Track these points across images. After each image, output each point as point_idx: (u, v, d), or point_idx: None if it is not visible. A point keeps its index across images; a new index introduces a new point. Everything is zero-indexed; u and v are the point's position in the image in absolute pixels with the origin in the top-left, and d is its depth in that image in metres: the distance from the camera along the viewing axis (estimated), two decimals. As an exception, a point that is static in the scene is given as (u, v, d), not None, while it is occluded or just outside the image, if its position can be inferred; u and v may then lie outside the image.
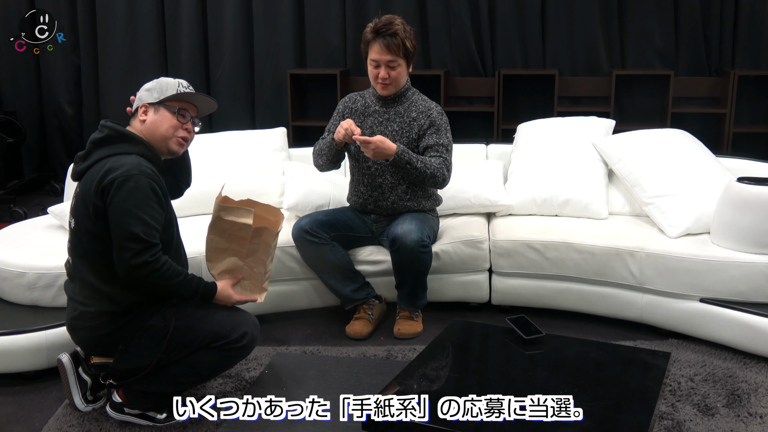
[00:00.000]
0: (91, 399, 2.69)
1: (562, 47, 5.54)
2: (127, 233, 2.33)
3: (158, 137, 2.54)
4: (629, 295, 3.31)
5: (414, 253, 3.18)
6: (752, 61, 5.42)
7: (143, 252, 2.34)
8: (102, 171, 2.38)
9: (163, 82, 2.55)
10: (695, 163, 3.55)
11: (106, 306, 2.46)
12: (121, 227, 2.34)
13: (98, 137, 2.48)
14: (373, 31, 3.24)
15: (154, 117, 2.53)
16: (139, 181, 2.36)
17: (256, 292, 2.70)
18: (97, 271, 2.45)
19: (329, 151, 3.32)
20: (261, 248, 2.66)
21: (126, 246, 2.34)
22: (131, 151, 2.45)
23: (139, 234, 2.33)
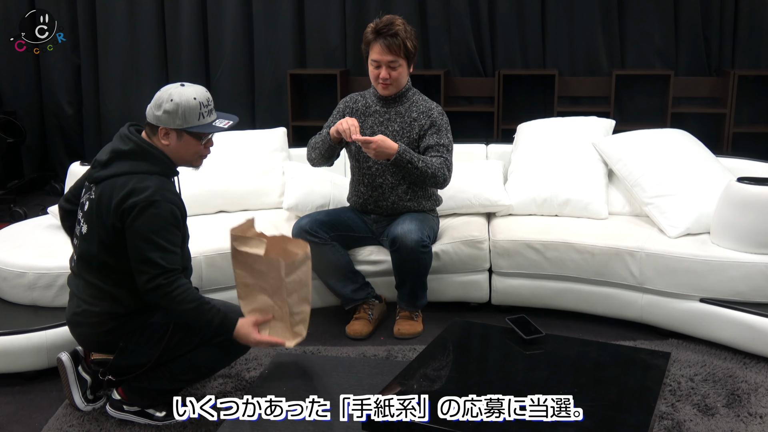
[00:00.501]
0: (91, 398, 2.69)
1: (562, 47, 5.54)
2: (145, 258, 2.34)
3: (179, 159, 2.52)
4: (629, 295, 3.31)
5: (414, 253, 3.18)
6: (752, 61, 5.42)
7: (158, 276, 2.35)
8: (124, 191, 2.36)
9: (185, 107, 2.43)
10: (695, 163, 3.55)
11: (109, 307, 2.47)
12: (139, 252, 2.35)
13: (123, 149, 2.44)
14: (374, 31, 3.24)
15: (178, 143, 2.48)
16: (161, 207, 2.36)
17: (286, 336, 2.53)
18: (104, 275, 2.46)
19: (322, 146, 3.32)
20: (288, 285, 2.48)
21: (142, 270, 2.35)
22: (153, 171, 2.43)
23: (156, 260, 2.34)
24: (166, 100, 2.42)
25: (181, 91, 2.44)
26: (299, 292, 2.51)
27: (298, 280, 2.49)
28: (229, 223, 3.59)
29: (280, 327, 2.53)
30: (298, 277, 2.49)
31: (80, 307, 2.50)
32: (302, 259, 2.50)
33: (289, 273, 2.47)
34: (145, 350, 2.50)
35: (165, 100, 2.43)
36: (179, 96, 2.43)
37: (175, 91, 2.44)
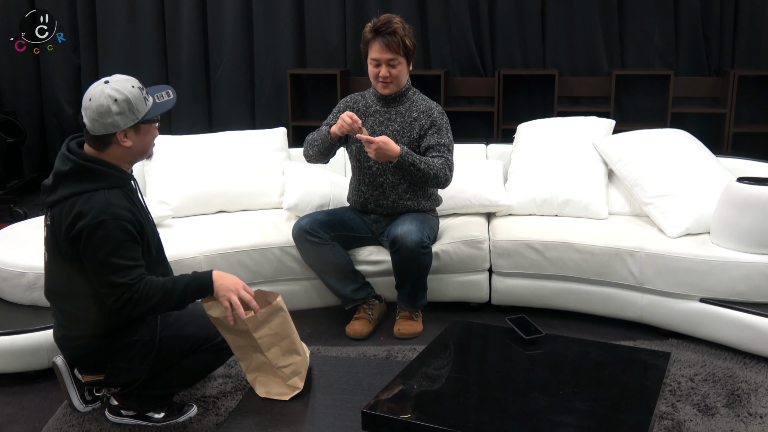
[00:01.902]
0: (90, 399, 2.69)
1: (562, 47, 5.54)
2: (107, 282, 2.26)
3: (141, 155, 2.41)
4: (629, 295, 3.31)
5: (414, 254, 3.18)
6: (752, 61, 5.42)
7: (123, 294, 2.26)
8: (70, 217, 2.26)
9: (133, 99, 2.28)
10: (695, 163, 3.55)
11: (88, 330, 2.41)
12: (98, 277, 2.27)
13: (63, 170, 2.32)
14: (373, 30, 3.24)
15: (137, 138, 2.34)
16: (109, 227, 2.24)
17: (282, 391, 2.42)
18: (72, 300, 2.40)
19: (322, 143, 3.31)
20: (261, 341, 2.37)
21: (107, 293, 2.28)
22: (100, 186, 2.29)
23: (117, 281, 2.25)
24: (111, 103, 2.25)
25: (117, 87, 2.27)
26: (279, 345, 2.40)
27: (272, 333, 2.38)
28: (229, 223, 3.61)
29: (274, 383, 2.45)
30: (271, 330, 2.38)
31: (60, 332, 2.47)
32: (270, 311, 2.38)
33: (257, 328, 2.35)
34: (134, 367, 2.46)
35: (109, 103, 2.25)
36: (119, 92, 2.26)
37: (111, 91, 2.26)
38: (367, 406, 1.99)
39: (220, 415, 2.66)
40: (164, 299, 2.31)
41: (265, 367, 2.43)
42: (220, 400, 2.76)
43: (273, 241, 3.44)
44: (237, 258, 3.36)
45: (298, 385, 2.43)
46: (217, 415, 2.67)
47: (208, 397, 2.79)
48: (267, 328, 2.37)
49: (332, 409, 2.41)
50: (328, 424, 2.34)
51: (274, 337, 2.39)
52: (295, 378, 2.43)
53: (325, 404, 2.45)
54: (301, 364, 2.45)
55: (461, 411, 2.03)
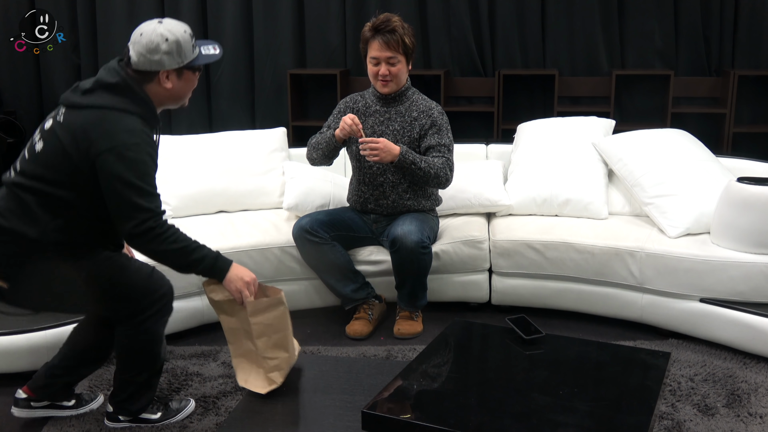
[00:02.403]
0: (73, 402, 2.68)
1: (562, 47, 5.53)
2: (130, 204, 2.23)
3: (176, 99, 2.42)
4: (629, 295, 3.31)
5: (414, 254, 3.18)
6: (752, 61, 5.41)
7: (148, 220, 2.25)
8: (103, 129, 2.23)
9: (183, 43, 2.31)
10: (695, 163, 3.55)
11: (25, 229, 2.28)
12: (124, 198, 2.23)
13: (108, 81, 2.30)
14: (372, 28, 3.25)
15: (178, 82, 2.37)
16: (141, 151, 2.24)
17: (259, 382, 2.47)
18: (43, 199, 2.29)
19: (327, 147, 3.32)
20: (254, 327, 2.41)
21: (130, 215, 2.24)
22: (135, 111, 2.29)
23: (144, 204, 2.24)
24: (161, 41, 2.28)
25: (170, 28, 2.30)
26: (270, 336, 2.44)
27: (267, 323, 2.43)
28: (229, 223, 3.61)
29: (255, 374, 2.48)
30: (267, 320, 2.43)
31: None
32: (272, 302, 2.44)
33: (255, 314, 2.40)
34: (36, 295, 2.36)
35: (159, 41, 2.28)
36: (172, 33, 2.30)
37: (164, 30, 2.29)
38: (367, 406, 1.99)
39: (220, 415, 2.66)
40: (181, 253, 2.32)
41: (251, 355, 2.45)
42: (220, 400, 2.76)
43: (273, 241, 3.44)
44: (237, 258, 3.34)
45: (277, 380, 2.44)
46: (217, 415, 2.67)
47: (208, 397, 2.78)
48: (263, 317, 2.41)
49: (332, 409, 2.41)
50: (328, 424, 2.34)
51: (267, 327, 2.42)
52: (276, 372, 2.45)
53: (325, 404, 2.45)
54: (286, 361, 2.47)
55: (461, 411, 2.03)
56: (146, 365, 2.52)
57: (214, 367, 3.02)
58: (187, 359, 3.10)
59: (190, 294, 3.30)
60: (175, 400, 2.69)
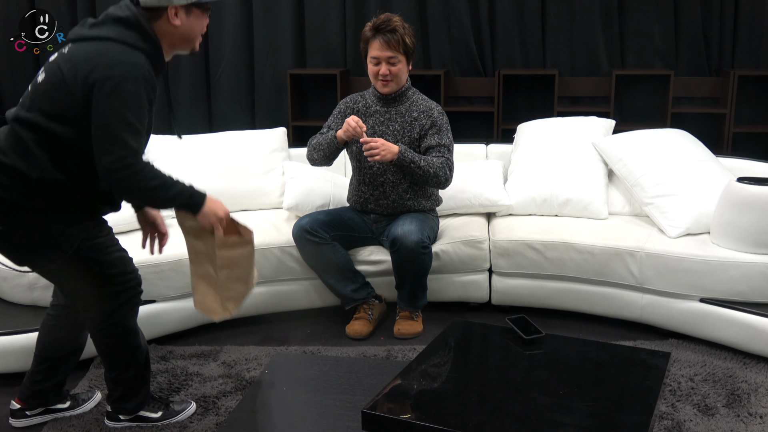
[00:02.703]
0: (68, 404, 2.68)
1: (562, 47, 5.53)
2: (114, 138, 2.15)
3: (185, 40, 2.36)
4: (629, 295, 3.31)
5: (414, 254, 3.18)
6: (752, 61, 5.42)
7: (127, 158, 2.17)
8: (101, 59, 2.17)
9: None
10: (695, 163, 3.55)
11: (24, 168, 2.22)
12: (110, 130, 2.16)
13: (119, 15, 2.24)
14: (373, 28, 3.25)
15: (188, 20, 2.32)
16: (138, 86, 2.18)
17: (215, 307, 2.52)
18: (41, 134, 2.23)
19: (328, 148, 3.32)
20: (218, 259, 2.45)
21: (110, 150, 2.16)
22: (142, 47, 2.23)
23: (129, 141, 2.17)
24: None
25: None
26: (232, 270, 2.48)
27: (231, 258, 2.47)
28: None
29: (212, 298, 2.51)
30: (233, 256, 2.47)
31: None
32: (241, 241, 2.48)
33: (223, 248, 2.44)
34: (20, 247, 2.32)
35: None
36: None
37: None
38: (367, 406, 1.99)
39: (220, 415, 2.66)
40: (159, 190, 2.26)
41: (210, 279, 2.48)
42: (220, 400, 2.76)
43: (273, 241, 3.44)
44: (237, 258, 3.36)
45: (231, 309, 2.50)
46: (217, 415, 2.67)
47: (208, 397, 2.79)
48: (230, 252, 2.45)
49: (332, 409, 2.41)
50: (328, 424, 2.34)
51: (232, 262, 2.47)
52: (231, 302, 2.50)
53: (325, 404, 2.45)
54: (243, 294, 2.52)
55: (461, 411, 2.03)
56: (129, 360, 2.51)
57: (214, 367, 3.03)
58: (187, 359, 3.10)
59: (190, 294, 3.29)
60: (176, 402, 2.69)
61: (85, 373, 2.98)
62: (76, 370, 2.98)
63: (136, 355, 2.51)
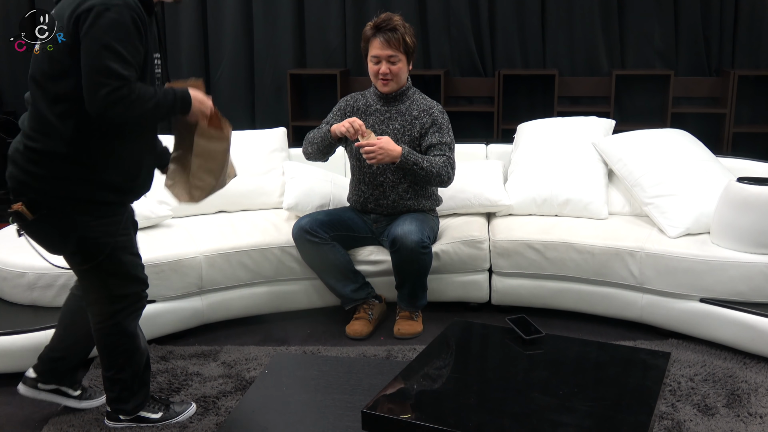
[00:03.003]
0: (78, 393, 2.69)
1: (562, 47, 5.53)
2: (104, 68, 2.11)
3: None
4: (629, 295, 3.31)
5: (414, 254, 3.18)
6: (752, 61, 5.42)
7: (121, 88, 2.13)
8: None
9: None
10: (695, 163, 3.55)
11: (53, 145, 2.25)
12: (97, 61, 2.11)
13: None
14: (373, 27, 3.26)
15: None
16: (122, 13, 2.13)
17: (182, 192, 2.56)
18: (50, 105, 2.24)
19: (321, 142, 3.32)
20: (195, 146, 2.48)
21: (101, 81, 2.12)
22: None
23: (118, 70, 2.12)
24: None
25: None
26: (205, 161, 2.53)
27: (207, 149, 2.51)
28: (229, 223, 3.60)
29: (182, 183, 2.55)
30: (208, 147, 2.51)
31: (21, 144, 2.31)
32: (218, 135, 2.52)
33: (201, 136, 2.48)
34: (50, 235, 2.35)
35: None
36: None
37: None
38: (367, 406, 1.99)
39: (220, 415, 2.66)
40: (156, 108, 2.25)
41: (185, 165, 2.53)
42: (220, 400, 2.76)
43: (273, 241, 3.44)
44: (237, 258, 3.36)
45: (196, 197, 2.57)
46: (217, 415, 2.67)
47: (208, 397, 2.79)
48: (207, 143, 2.51)
49: (332, 409, 2.41)
50: (328, 424, 2.34)
51: (206, 152, 2.52)
52: (198, 191, 2.56)
53: (325, 404, 2.45)
54: (211, 186, 2.59)
55: (461, 411, 2.03)
56: (124, 362, 2.51)
57: (214, 367, 3.02)
58: (187, 359, 3.10)
59: (189, 294, 3.30)
60: (177, 402, 2.69)
61: (85, 372, 2.98)
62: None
63: (134, 358, 2.52)
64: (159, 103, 2.26)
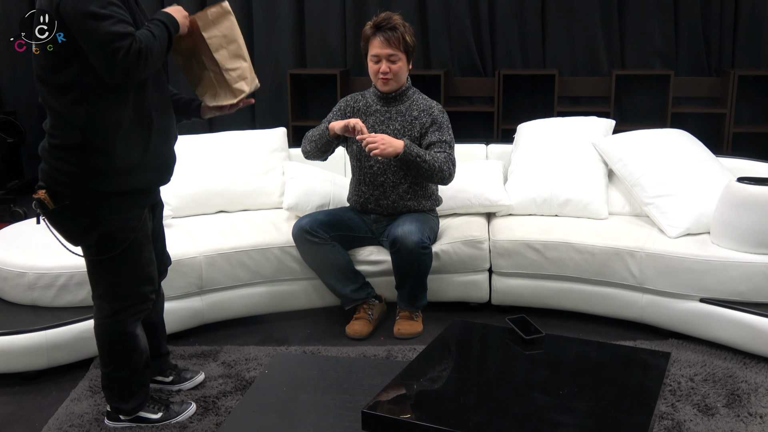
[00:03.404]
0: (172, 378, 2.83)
1: (562, 47, 5.54)
2: (106, 35, 2.14)
3: None
4: (629, 295, 3.31)
5: (414, 255, 3.18)
6: (752, 61, 5.42)
7: (131, 45, 2.17)
8: None
9: None
10: (695, 163, 3.55)
11: (70, 137, 2.29)
12: (97, 33, 2.15)
13: None
14: (373, 26, 3.26)
15: None
16: None
17: (228, 97, 2.54)
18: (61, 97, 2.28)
19: (319, 139, 3.33)
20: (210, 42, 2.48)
21: (113, 48, 2.15)
22: None
23: (120, 30, 2.16)
24: None
25: None
26: (227, 48, 2.50)
27: (220, 35, 2.49)
28: (229, 223, 3.60)
29: (222, 92, 2.54)
30: (220, 32, 2.49)
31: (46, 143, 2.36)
32: (218, 12, 2.50)
33: (206, 28, 2.47)
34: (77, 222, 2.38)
35: None
36: None
37: None
38: (367, 406, 1.99)
39: (220, 415, 2.66)
40: (160, 42, 2.29)
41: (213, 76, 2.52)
42: (220, 400, 2.76)
43: (273, 241, 3.44)
44: (237, 258, 3.36)
45: (243, 88, 2.53)
46: (217, 415, 2.67)
47: (208, 397, 2.79)
48: (216, 29, 2.49)
49: (332, 409, 2.41)
50: (328, 424, 2.34)
51: (222, 39, 2.50)
52: (241, 82, 2.53)
53: (325, 404, 2.45)
54: (248, 69, 2.56)
55: (461, 411, 2.03)
56: (122, 361, 2.52)
57: (214, 367, 3.03)
58: (187, 359, 3.10)
59: (190, 294, 3.30)
60: (176, 402, 2.69)
61: (85, 372, 2.98)
62: (77, 370, 2.99)
63: (132, 357, 2.53)
64: (160, 37, 2.30)
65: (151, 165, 2.45)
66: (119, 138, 2.33)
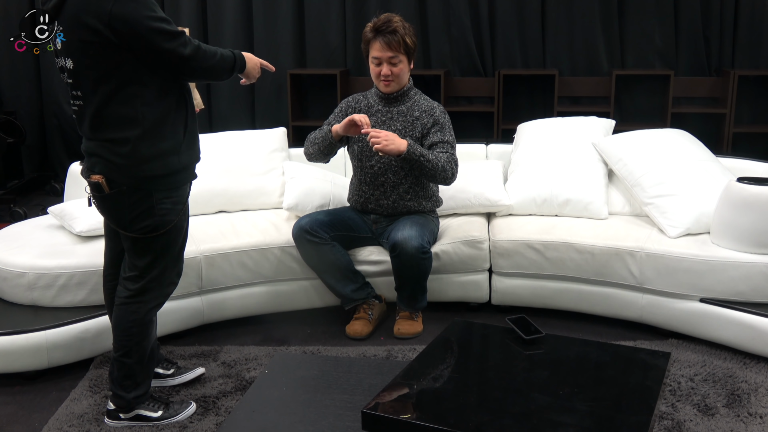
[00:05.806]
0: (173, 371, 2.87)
1: (562, 47, 5.54)
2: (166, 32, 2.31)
3: None
4: (629, 295, 3.31)
5: (414, 259, 3.18)
6: (752, 61, 5.42)
7: (187, 42, 2.35)
8: None
9: None
10: (695, 163, 3.55)
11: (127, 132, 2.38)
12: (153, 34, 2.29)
13: None
14: (373, 29, 3.26)
15: None
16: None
17: None
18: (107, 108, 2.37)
19: (323, 142, 3.33)
20: None
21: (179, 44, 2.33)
22: None
23: (173, 29, 2.33)
24: None
25: None
26: None
27: None
28: (229, 223, 3.60)
29: None
30: None
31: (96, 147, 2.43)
32: None
33: None
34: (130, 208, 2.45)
35: None
36: None
37: None
38: (367, 406, 1.99)
39: (220, 415, 2.66)
40: (220, 62, 2.50)
41: None
42: (220, 400, 2.76)
43: (273, 241, 3.44)
44: (237, 258, 3.36)
45: None
46: (217, 415, 2.67)
47: (208, 397, 2.79)
48: None
49: (332, 409, 2.41)
50: (328, 424, 2.34)
51: None
52: None
53: (325, 404, 2.45)
54: None
55: (461, 411, 2.03)
56: (134, 346, 2.55)
57: (214, 367, 3.03)
58: (187, 359, 3.10)
59: (190, 294, 3.30)
60: (176, 402, 2.69)
61: (85, 372, 2.98)
62: (77, 370, 2.99)
63: (143, 344, 2.57)
64: (223, 56, 2.50)
65: (190, 142, 2.59)
66: (167, 123, 2.45)
